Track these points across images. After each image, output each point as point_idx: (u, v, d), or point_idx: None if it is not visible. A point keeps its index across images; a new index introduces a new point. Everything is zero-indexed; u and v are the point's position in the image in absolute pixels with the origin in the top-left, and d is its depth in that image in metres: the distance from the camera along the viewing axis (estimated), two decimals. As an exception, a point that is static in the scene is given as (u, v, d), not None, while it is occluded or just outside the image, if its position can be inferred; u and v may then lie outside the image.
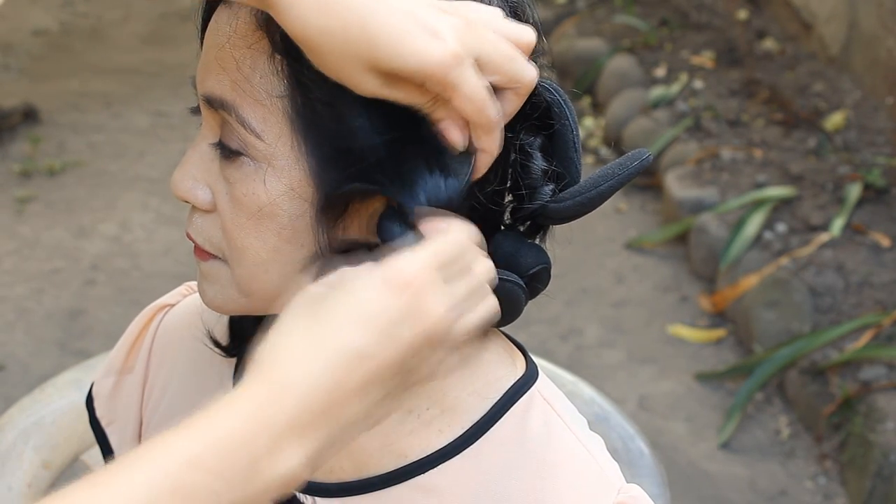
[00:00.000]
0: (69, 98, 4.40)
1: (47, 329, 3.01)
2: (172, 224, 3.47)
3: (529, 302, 0.76)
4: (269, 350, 0.62)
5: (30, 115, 4.17)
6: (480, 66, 0.66)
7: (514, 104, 0.69)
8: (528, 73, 0.68)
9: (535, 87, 0.71)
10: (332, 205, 0.69)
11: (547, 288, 0.76)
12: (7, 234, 3.47)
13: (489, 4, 0.71)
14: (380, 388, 0.62)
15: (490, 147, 0.69)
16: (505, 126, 0.70)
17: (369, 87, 0.65)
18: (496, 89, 0.68)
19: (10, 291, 3.18)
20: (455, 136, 0.68)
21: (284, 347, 0.61)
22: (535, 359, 0.83)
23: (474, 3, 0.69)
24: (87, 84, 4.55)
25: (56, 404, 1.16)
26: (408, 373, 0.63)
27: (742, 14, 4.47)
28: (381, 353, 0.61)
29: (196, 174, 0.73)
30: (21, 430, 1.15)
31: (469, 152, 0.69)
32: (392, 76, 0.64)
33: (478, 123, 0.67)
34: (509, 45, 0.67)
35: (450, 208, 0.68)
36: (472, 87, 0.65)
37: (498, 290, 0.72)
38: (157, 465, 0.57)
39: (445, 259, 0.64)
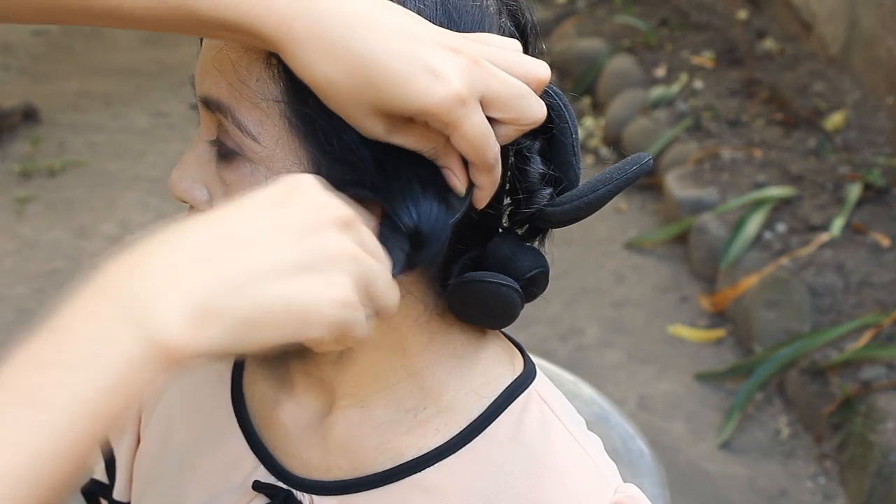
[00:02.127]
0: (69, 98, 4.40)
1: (47, 329, 3.01)
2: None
3: (529, 302, 0.76)
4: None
5: (30, 115, 4.18)
6: (487, 103, 0.66)
7: (513, 135, 0.69)
8: (536, 112, 0.68)
9: None
10: None
11: (547, 288, 0.76)
12: (7, 234, 3.47)
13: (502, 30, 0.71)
14: (275, 249, 0.58)
15: (487, 185, 0.69)
16: None
17: (376, 131, 0.66)
18: (502, 122, 0.68)
19: (10, 291, 3.18)
20: (455, 183, 0.69)
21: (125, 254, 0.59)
22: (534, 359, 0.83)
23: (491, 35, 0.69)
24: (87, 84, 4.55)
25: (56, 404, 1.16)
26: (311, 243, 0.59)
27: (742, 14, 4.47)
28: (264, 220, 0.59)
29: (194, 174, 0.73)
30: (21, 429, 1.15)
31: (468, 190, 0.70)
32: (397, 122, 0.65)
33: (475, 162, 0.68)
34: (519, 83, 0.67)
35: (440, 233, 0.68)
36: (472, 129, 0.65)
37: (493, 294, 0.72)
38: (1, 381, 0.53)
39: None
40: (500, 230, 0.76)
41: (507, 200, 0.75)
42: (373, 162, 0.68)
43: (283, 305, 0.58)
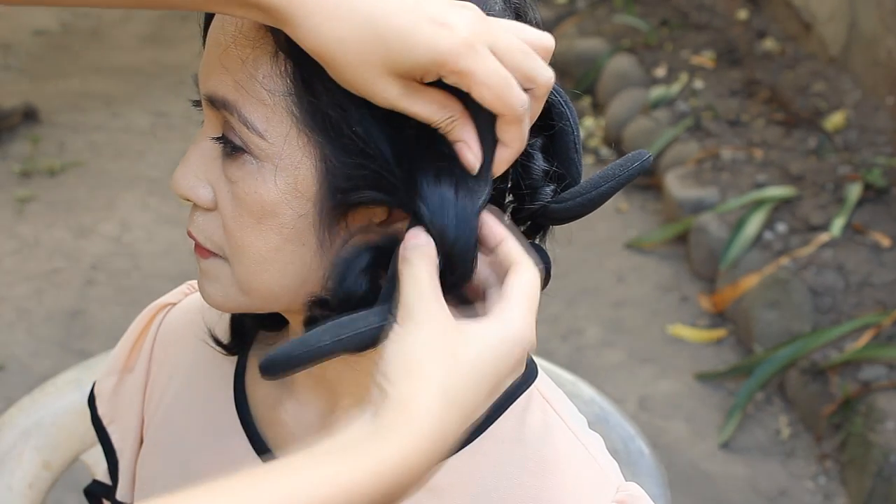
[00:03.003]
0: (69, 98, 4.40)
1: (47, 329, 3.01)
2: (172, 224, 3.47)
3: None
4: (407, 386, 0.61)
5: (30, 115, 4.17)
6: (496, 57, 0.64)
7: (532, 108, 0.67)
8: (545, 72, 0.67)
9: None
10: (336, 206, 0.69)
11: (547, 288, 0.76)
12: (7, 234, 3.47)
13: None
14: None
15: (513, 141, 0.67)
16: None
17: (389, 95, 0.64)
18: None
19: (10, 291, 3.18)
20: (470, 158, 0.66)
21: (423, 393, 0.61)
22: (535, 358, 0.83)
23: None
24: (87, 84, 4.55)
25: (56, 404, 1.16)
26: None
27: (742, 14, 4.47)
28: (488, 403, 0.64)
29: (198, 172, 0.73)
30: (21, 430, 1.15)
31: (487, 177, 0.67)
32: (411, 85, 0.64)
33: (500, 111, 0.65)
34: (525, 44, 0.66)
35: (469, 226, 0.66)
36: (489, 71, 0.63)
37: None
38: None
39: (535, 303, 0.65)
40: None
41: (509, 197, 0.75)
42: (389, 153, 0.67)
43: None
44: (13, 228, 3.50)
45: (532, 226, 0.76)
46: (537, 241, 0.76)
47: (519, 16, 0.73)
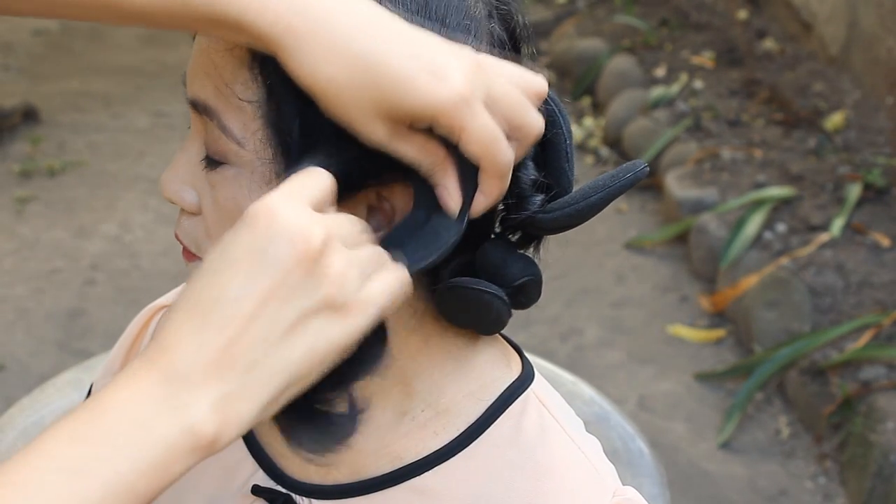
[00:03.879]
0: (69, 98, 4.40)
1: (47, 329, 3.01)
2: (172, 224, 3.42)
3: (522, 310, 0.75)
4: (155, 332, 0.61)
5: (30, 115, 4.18)
6: (489, 107, 0.64)
7: (516, 154, 0.67)
8: (536, 124, 0.67)
9: None
10: None
11: (547, 288, 0.76)
12: (7, 234, 3.47)
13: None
14: (273, 318, 0.59)
15: (492, 192, 0.67)
16: None
17: (378, 136, 0.64)
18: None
19: (10, 291, 3.18)
20: (449, 203, 0.67)
21: (165, 325, 0.60)
22: (534, 359, 0.83)
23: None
24: (87, 84, 4.55)
25: (56, 404, 1.16)
26: (301, 292, 0.60)
27: (742, 14, 4.47)
28: (253, 284, 0.59)
29: (184, 176, 0.73)
30: (21, 430, 1.15)
31: (463, 218, 0.67)
32: (400, 128, 0.64)
33: (485, 167, 0.66)
34: (519, 92, 0.66)
35: (423, 266, 0.67)
36: (480, 129, 0.64)
37: (476, 301, 0.71)
38: (44, 448, 0.56)
39: (307, 193, 0.62)
40: (492, 236, 0.75)
41: (499, 206, 0.74)
42: (348, 167, 0.66)
43: (301, 361, 0.60)
44: (13, 228, 3.51)
45: (523, 235, 0.75)
46: (531, 251, 0.76)
47: (505, 21, 0.73)
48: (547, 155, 0.73)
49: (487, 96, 0.64)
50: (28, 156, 3.95)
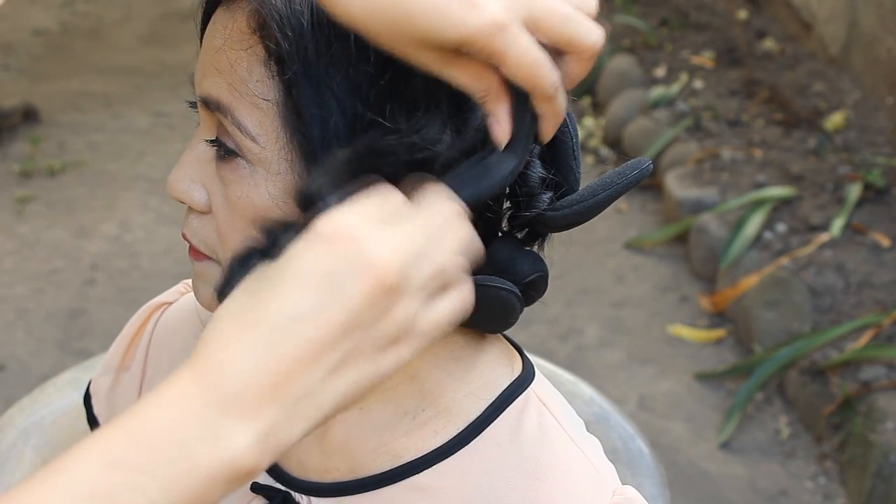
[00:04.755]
0: (69, 98, 4.40)
1: (47, 329, 3.01)
2: (172, 224, 3.47)
3: (528, 306, 0.75)
4: (202, 340, 0.58)
5: (30, 115, 4.18)
6: (533, 28, 0.62)
7: (576, 70, 0.65)
8: (591, 35, 0.64)
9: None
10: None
11: (547, 289, 0.76)
12: (7, 234, 3.47)
13: None
14: (334, 351, 0.57)
15: (550, 115, 0.65)
16: None
17: (424, 62, 0.63)
18: (556, 55, 0.64)
19: (10, 291, 3.18)
20: (497, 132, 0.65)
21: (215, 334, 0.58)
22: (534, 359, 0.82)
23: None
24: (87, 84, 4.55)
25: (56, 404, 1.16)
26: (367, 329, 0.58)
27: (742, 14, 4.47)
28: (323, 313, 0.56)
29: (192, 175, 0.73)
30: (21, 430, 1.15)
31: (517, 151, 0.66)
32: (448, 54, 0.62)
33: (531, 91, 0.64)
34: (566, 5, 0.64)
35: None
36: (521, 51, 0.61)
37: (493, 299, 0.71)
38: (74, 471, 0.53)
39: (389, 210, 0.60)
40: (500, 234, 0.75)
41: (507, 204, 0.74)
42: (359, 163, 0.65)
43: (346, 392, 0.59)
44: (13, 228, 3.51)
45: (529, 233, 0.75)
46: (536, 248, 0.76)
47: None
48: (554, 153, 0.73)
49: (528, 18, 0.62)
50: (28, 156, 3.95)
